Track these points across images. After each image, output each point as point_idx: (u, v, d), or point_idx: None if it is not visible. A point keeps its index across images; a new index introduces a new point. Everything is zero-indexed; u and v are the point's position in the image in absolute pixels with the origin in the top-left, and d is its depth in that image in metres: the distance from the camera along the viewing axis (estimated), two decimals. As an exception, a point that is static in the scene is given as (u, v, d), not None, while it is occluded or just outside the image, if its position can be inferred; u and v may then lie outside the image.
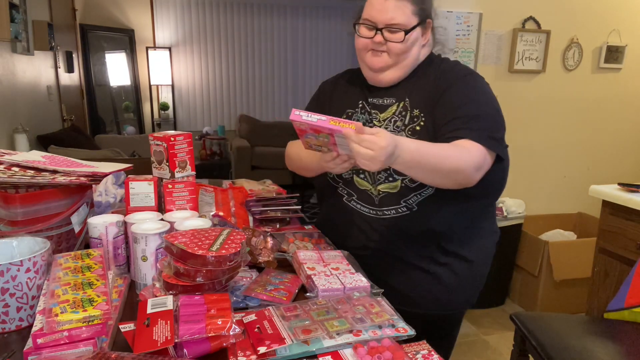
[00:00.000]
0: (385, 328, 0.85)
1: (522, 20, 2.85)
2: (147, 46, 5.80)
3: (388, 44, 1.20)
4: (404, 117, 1.23)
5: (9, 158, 1.18)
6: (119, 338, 0.81)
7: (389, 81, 1.25)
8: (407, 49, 1.20)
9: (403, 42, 1.18)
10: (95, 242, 1.03)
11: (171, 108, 6.07)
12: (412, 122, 1.21)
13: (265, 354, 0.75)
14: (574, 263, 2.74)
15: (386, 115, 1.25)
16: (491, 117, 1.16)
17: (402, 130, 1.21)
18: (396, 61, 1.22)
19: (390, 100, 1.26)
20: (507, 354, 1.79)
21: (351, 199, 1.29)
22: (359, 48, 1.26)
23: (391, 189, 1.22)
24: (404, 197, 1.21)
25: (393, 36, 1.19)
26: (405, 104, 1.24)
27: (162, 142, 1.17)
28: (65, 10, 4.53)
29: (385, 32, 1.19)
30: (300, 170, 1.39)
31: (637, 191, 1.94)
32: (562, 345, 1.38)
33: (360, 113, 1.30)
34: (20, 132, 2.80)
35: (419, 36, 1.23)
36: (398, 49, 1.20)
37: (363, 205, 1.27)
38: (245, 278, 1.03)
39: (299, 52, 6.43)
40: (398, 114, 1.24)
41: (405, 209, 1.21)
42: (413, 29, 1.19)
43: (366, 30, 1.23)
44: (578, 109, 3.10)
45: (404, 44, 1.19)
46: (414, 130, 1.20)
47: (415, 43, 1.22)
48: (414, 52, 1.23)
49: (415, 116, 1.21)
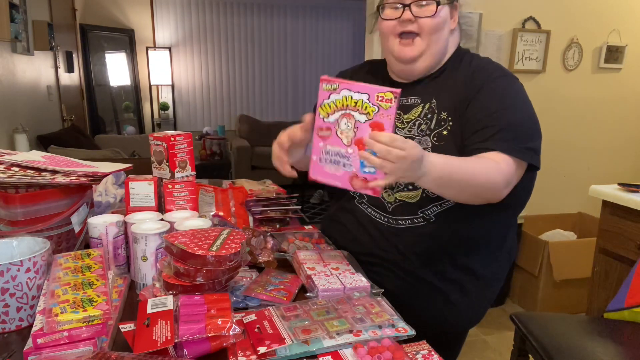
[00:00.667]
0: (385, 328, 0.85)
1: (522, 20, 2.85)
2: (147, 46, 5.80)
3: (418, 22, 1.07)
4: (430, 120, 1.10)
5: (9, 158, 1.18)
6: (119, 338, 0.81)
7: (422, 72, 1.13)
8: (439, 26, 1.07)
9: (435, 15, 1.05)
10: (95, 242, 1.03)
11: (171, 108, 6.07)
12: (438, 127, 1.09)
13: (265, 354, 0.75)
14: (574, 263, 2.74)
15: (410, 117, 1.13)
16: (525, 126, 1.06)
17: (426, 135, 1.10)
18: (428, 43, 1.08)
19: (416, 100, 1.14)
20: (507, 354, 1.78)
21: (362, 201, 1.19)
22: (385, 34, 1.12)
23: (409, 198, 1.11)
24: (422, 207, 1.10)
25: (423, 10, 1.06)
26: (432, 105, 1.12)
27: (162, 142, 1.17)
28: (65, 10, 4.53)
29: (414, 7, 1.06)
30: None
31: (637, 191, 1.94)
32: (562, 345, 1.38)
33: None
34: (20, 132, 2.80)
35: (448, 17, 1.10)
36: (430, 26, 1.06)
37: (375, 210, 1.16)
38: (245, 278, 1.03)
39: (299, 52, 6.43)
40: (423, 116, 1.12)
41: (422, 219, 1.11)
42: (444, 3, 1.07)
43: (392, 11, 1.09)
44: (578, 109, 3.10)
45: (435, 19, 1.06)
46: (441, 135, 1.09)
47: (446, 23, 1.10)
48: (444, 35, 1.10)
49: (443, 119, 1.09)
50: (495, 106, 1.05)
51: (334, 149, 0.89)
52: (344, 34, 6.50)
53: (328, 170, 0.90)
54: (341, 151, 0.88)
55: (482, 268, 1.18)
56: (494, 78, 1.09)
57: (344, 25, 6.48)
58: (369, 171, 0.87)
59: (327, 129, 0.89)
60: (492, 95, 1.06)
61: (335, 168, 0.89)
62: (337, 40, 6.50)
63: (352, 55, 6.49)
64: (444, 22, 1.09)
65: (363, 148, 0.85)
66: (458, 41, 1.19)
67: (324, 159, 0.90)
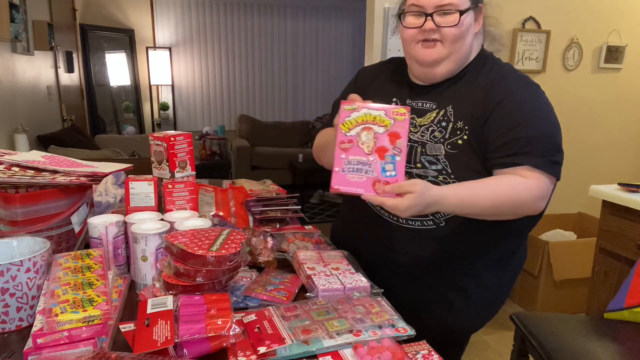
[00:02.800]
0: (385, 328, 0.85)
1: (522, 20, 2.85)
2: (147, 46, 5.80)
3: (441, 31, 1.05)
4: (445, 128, 1.09)
5: (9, 158, 1.18)
6: (119, 338, 0.81)
7: (443, 75, 1.11)
8: (462, 35, 1.05)
9: (458, 25, 1.03)
10: (95, 242, 1.03)
11: (171, 108, 6.07)
12: (453, 135, 1.07)
13: (265, 354, 0.75)
14: (574, 263, 2.74)
15: (424, 121, 1.12)
16: (552, 138, 1.05)
17: (440, 143, 1.08)
18: (451, 51, 1.07)
19: (431, 105, 1.12)
20: (507, 354, 1.78)
21: None
22: (406, 40, 1.11)
23: None
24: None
25: (446, 19, 1.04)
26: (447, 113, 1.09)
27: (162, 142, 1.17)
28: (65, 10, 4.53)
29: (436, 17, 1.04)
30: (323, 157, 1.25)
31: (637, 191, 1.94)
32: (562, 345, 1.38)
33: None
34: (20, 132, 2.80)
35: (472, 22, 1.08)
36: (453, 35, 1.04)
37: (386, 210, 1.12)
38: (245, 278, 1.03)
39: (299, 52, 6.43)
40: (437, 122, 1.10)
41: (432, 222, 1.10)
42: (467, 10, 1.05)
43: (414, 19, 1.07)
44: (578, 109, 3.10)
45: (458, 28, 1.04)
46: (455, 144, 1.07)
47: (469, 30, 1.07)
48: (469, 41, 1.09)
49: (459, 129, 1.07)
50: (520, 118, 1.02)
51: (356, 158, 0.96)
52: (344, 34, 6.50)
53: (350, 179, 0.95)
54: (363, 159, 0.95)
55: (491, 276, 1.16)
56: (516, 88, 1.06)
57: (344, 25, 6.48)
58: (390, 175, 0.94)
59: (349, 142, 0.96)
60: (516, 107, 1.04)
61: (359, 176, 0.95)
62: (337, 40, 6.50)
63: (352, 55, 6.49)
64: (467, 29, 1.06)
65: (383, 155, 0.94)
66: (482, 43, 1.17)
67: (346, 169, 0.96)
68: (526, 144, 1.01)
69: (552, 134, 1.04)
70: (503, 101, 1.04)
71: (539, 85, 1.10)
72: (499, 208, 0.99)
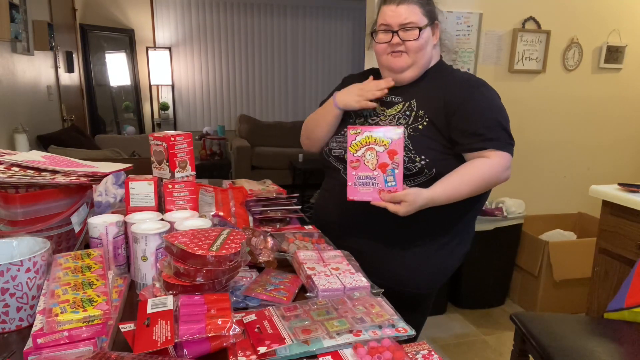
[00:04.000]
0: (385, 328, 0.85)
1: (522, 20, 2.85)
2: (147, 46, 5.80)
3: (405, 44, 1.33)
4: (409, 116, 1.34)
5: (9, 158, 1.18)
6: (119, 338, 0.81)
7: (409, 80, 1.38)
8: (422, 46, 1.33)
9: (418, 39, 1.31)
10: (95, 242, 1.03)
11: (171, 108, 6.07)
12: (415, 122, 1.33)
13: (265, 354, 0.75)
14: (574, 263, 2.74)
15: (392, 111, 1.38)
16: (506, 126, 1.30)
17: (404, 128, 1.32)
18: (414, 60, 1.34)
19: (398, 99, 1.39)
20: (507, 354, 1.79)
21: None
22: (379, 53, 1.39)
23: None
24: None
25: (408, 34, 1.32)
26: (411, 104, 1.36)
27: (162, 142, 1.17)
28: (65, 10, 4.53)
29: (401, 33, 1.32)
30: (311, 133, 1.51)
31: (637, 191, 1.94)
32: (562, 345, 1.38)
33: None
34: (20, 132, 2.80)
35: (430, 36, 1.35)
36: (415, 47, 1.32)
37: None
38: (245, 278, 1.03)
39: (299, 52, 6.43)
40: (402, 112, 1.36)
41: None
42: (425, 27, 1.33)
43: (383, 35, 1.35)
44: (578, 109, 3.10)
45: (419, 41, 1.32)
46: (416, 129, 1.32)
47: (428, 42, 1.35)
48: (428, 51, 1.36)
49: (420, 116, 1.33)
50: (484, 112, 1.29)
51: (364, 174, 1.22)
52: (344, 34, 6.50)
53: (361, 190, 1.23)
54: (369, 175, 1.22)
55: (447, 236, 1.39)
56: (477, 87, 1.33)
57: (344, 25, 6.48)
58: (391, 185, 1.21)
59: (357, 161, 1.22)
60: (480, 103, 1.30)
61: (367, 188, 1.22)
62: (337, 40, 6.50)
63: (352, 55, 6.49)
64: (426, 41, 1.34)
65: (385, 170, 1.20)
66: (440, 53, 1.44)
67: (357, 183, 1.23)
68: (489, 132, 1.27)
69: (505, 124, 1.31)
70: (469, 98, 1.30)
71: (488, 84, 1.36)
72: (477, 188, 1.27)
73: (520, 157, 3.03)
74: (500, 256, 2.90)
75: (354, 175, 1.22)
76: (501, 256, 2.91)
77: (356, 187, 1.22)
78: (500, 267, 2.94)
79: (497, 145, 1.27)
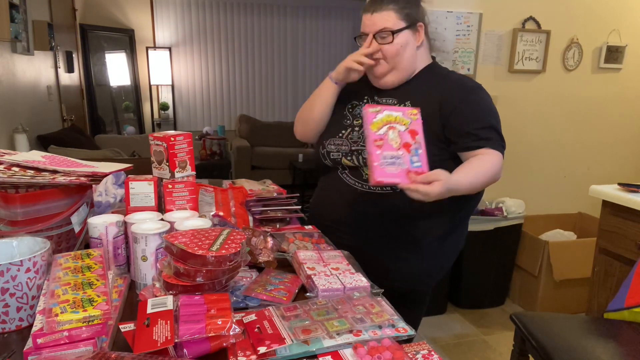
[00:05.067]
0: (385, 328, 0.85)
1: (522, 20, 2.85)
2: (147, 46, 5.81)
3: (382, 50, 1.35)
4: None
5: (9, 158, 1.18)
6: (119, 338, 0.81)
7: (391, 84, 1.40)
8: (398, 50, 1.34)
9: (392, 43, 1.33)
10: (95, 242, 1.03)
11: (171, 108, 6.07)
12: None
13: (265, 354, 0.75)
14: (574, 263, 2.74)
15: None
16: (499, 128, 1.33)
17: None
18: (393, 65, 1.36)
19: (392, 101, 1.40)
20: (507, 354, 1.79)
21: (344, 172, 1.43)
22: None
23: None
24: None
25: (383, 40, 1.34)
26: (406, 105, 1.36)
27: (162, 142, 1.17)
28: (65, 10, 4.53)
29: (378, 39, 1.35)
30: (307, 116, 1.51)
31: (637, 191, 1.94)
32: (562, 345, 1.38)
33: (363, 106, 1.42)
34: (20, 132, 2.80)
35: (409, 39, 1.36)
36: (390, 52, 1.34)
37: (352, 179, 1.40)
38: (245, 278, 1.03)
39: (299, 52, 6.43)
40: None
41: (390, 188, 1.34)
42: (400, 30, 1.33)
43: (364, 42, 1.38)
44: (578, 109, 3.10)
45: (393, 45, 1.34)
46: None
47: (407, 45, 1.36)
48: (408, 54, 1.36)
49: None
50: (479, 114, 1.32)
51: (390, 153, 1.13)
52: (344, 34, 6.50)
53: (388, 171, 1.11)
54: (394, 154, 1.13)
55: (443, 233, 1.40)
56: (471, 89, 1.35)
57: (344, 25, 6.48)
58: (417, 165, 1.13)
59: (380, 139, 1.13)
60: (474, 105, 1.33)
61: (394, 168, 1.12)
62: (337, 40, 6.50)
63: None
64: (403, 45, 1.35)
65: (409, 149, 1.14)
66: (429, 53, 1.44)
67: (384, 163, 1.12)
68: (483, 133, 1.29)
69: (498, 126, 1.34)
70: (464, 99, 1.33)
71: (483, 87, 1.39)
72: (487, 181, 1.27)
73: (520, 157, 3.04)
74: (500, 256, 2.91)
75: (378, 154, 1.11)
76: (501, 256, 2.91)
77: (382, 167, 1.10)
78: (500, 267, 2.94)
79: (492, 144, 1.30)
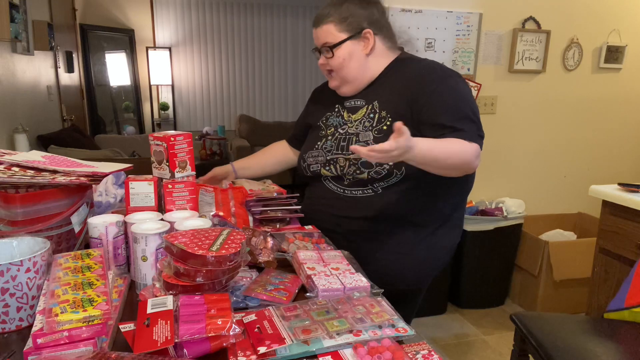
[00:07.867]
0: (385, 328, 0.85)
1: (522, 20, 2.85)
2: (147, 46, 5.81)
3: (328, 62, 1.37)
4: (372, 119, 1.35)
5: (9, 158, 1.18)
6: (119, 338, 0.81)
7: (349, 93, 1.41)
8: (342, 64, 1.35)
9: (334, 57, 1.34)
10: (95, 242, 1.03)
11: (171, 108, 6.07)
12: (379, 123, 1.33)
13: (265, 354, 0.75)
14: (574, 263, 2.74)
15: (357, 116, 1.39)
16: (475, 117, 1.27)
17: (369, 130, 1.34)
18: (342, 76, 1.37)
19: (361, 102, 1.40)
20: (507, 354, 1.79)
21: (327, 179, 1.44)
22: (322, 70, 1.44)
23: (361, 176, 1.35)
24: (370, 183, 1.34)
25: (327, 54, 1.36)
26: (374, 106, 1.36)
27: (162, 142, 1.17)
28: (65, 10, 4.53)
29: (324, 54, 1.37)
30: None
31: (637, 191, 1.94)
32: (562, 345, 1.38)
33: (336, 116, 1.45)
34: (20, 132, 2.80)
35: (354, 49, 1.35)
36: (335, 64, 1.36)
37: (335, 185, 1.42)
38: (245, 278, 1.03)
39: (299, 52, 6.43)
40: (367, 115, 1.37)
41: (371, 191, 1.34)
42: (339, 44, 1.33)
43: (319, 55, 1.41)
44: (578, 109, 3.10)
45: (336, 59, 1.35)
46: (381, 130, 1.32)
47: (352, 56, 1.35)
48: (355, 65, 1.35)
49: (383, 117, 1.33)
50: (450, 104, 1.26)
51: None
52: (344, 34, 6.50)
53: None
54: None
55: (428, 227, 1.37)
56: (443, 78, 1.29)
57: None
58: None
59: None
60: (446, 95, 1.27)
61: None
62: (337, 40, 6.50)
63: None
64: (347, 58, 1.34)
65: None
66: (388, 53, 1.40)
67: None
68: (458, 124, 1.23)
69: (474, 116, 1.27)
70: (435, 90, 1.27)
71: (459, 75, 1.33)
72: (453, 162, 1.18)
73: (520, 157, 3.04)
74: (500, 256, 2.90)
75: None
76: (501, 256, 2.91)
77: None
78: (500, 267, 2.94)
79: (466, 136, 1.22)
